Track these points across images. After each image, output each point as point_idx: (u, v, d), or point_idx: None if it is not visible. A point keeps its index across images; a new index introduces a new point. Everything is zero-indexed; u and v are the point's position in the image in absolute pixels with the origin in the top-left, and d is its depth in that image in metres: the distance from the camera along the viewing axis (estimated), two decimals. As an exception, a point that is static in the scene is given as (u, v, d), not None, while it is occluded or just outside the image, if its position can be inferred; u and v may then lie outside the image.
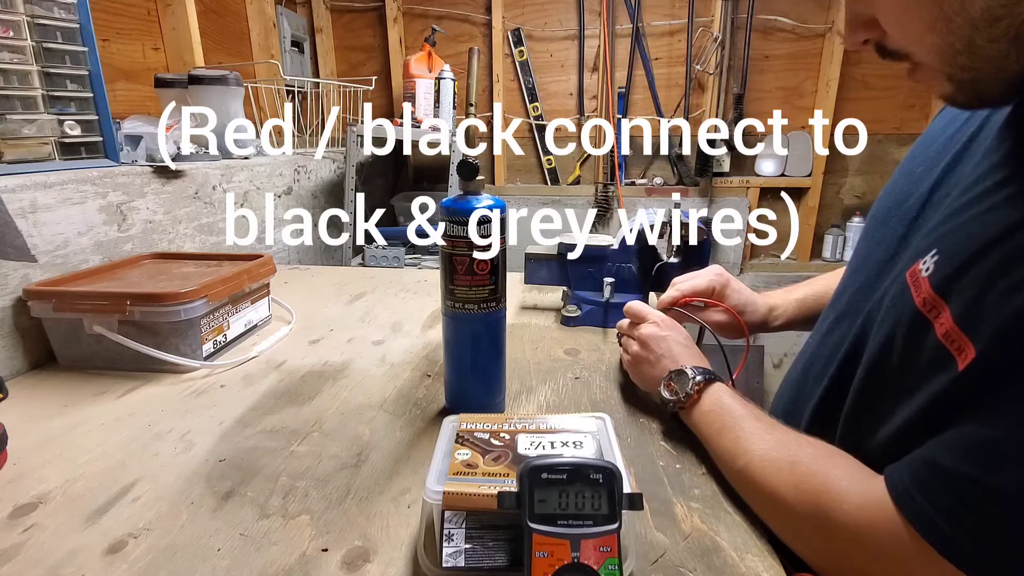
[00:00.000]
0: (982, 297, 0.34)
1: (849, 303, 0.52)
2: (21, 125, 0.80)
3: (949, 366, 0.35)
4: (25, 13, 0.78)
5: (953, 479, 0.33)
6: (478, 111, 2.10)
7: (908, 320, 0.40)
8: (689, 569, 0.41)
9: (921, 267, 0.40)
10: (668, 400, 0.57)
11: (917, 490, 0.35)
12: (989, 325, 0.33)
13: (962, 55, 0.34)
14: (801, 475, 0.42)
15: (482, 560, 0.38)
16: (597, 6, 2.17)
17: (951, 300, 0.36)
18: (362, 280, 1.18)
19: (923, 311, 0.38)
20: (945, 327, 0.36)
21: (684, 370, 0.57)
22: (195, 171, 1.10)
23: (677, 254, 0.87)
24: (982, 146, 0.42)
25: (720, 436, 0.50)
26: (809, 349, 0.59)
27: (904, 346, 0.40)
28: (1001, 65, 0.34)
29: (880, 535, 0.36)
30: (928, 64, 0.37)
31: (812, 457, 0.43)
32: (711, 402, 0.54)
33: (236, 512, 0.47)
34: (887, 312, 0.43)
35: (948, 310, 0.36)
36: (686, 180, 2.31)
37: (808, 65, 2.17)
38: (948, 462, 0.34)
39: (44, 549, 0.43)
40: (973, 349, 0.33)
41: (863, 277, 0.52)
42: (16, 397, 0.67)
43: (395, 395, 0.68)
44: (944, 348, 0.36)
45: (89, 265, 0.85)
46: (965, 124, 0.47)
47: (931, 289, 0.38)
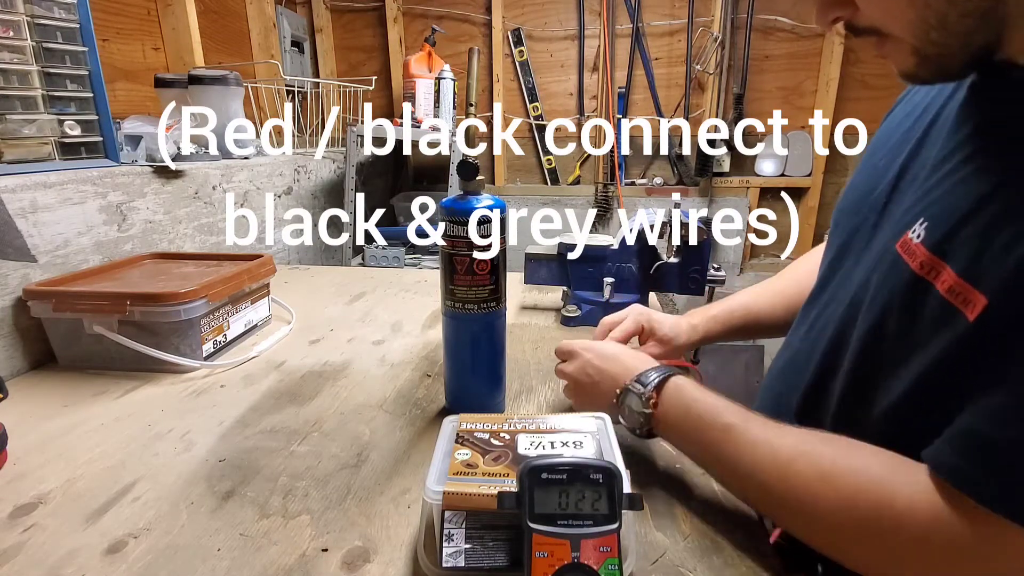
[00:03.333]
0: (982, 251, 0.34)
1: (831, 294, 0.52)
2: (21, 125, 0.80)
3: (956, 320, 0.35)
4: (25, 13, 0.78)
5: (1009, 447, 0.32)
6: (478, 111, 2.10)
7: (904, 287, 0.40)
8: (689, 569, 0.41)
9: (911, 236, 0.41)
10: (631, 430, 0.51)
11: (974, 468, 0.33)
12: (995, 276, 0.33)
13: (935, 30, 0.36)
14: (836, 483, 0.38)
15: (482, 560, 0.38)
16: (597, 6, 2.17)
17: (950, 258, 0.36)
18: (362, 280, 1.18)
19: (921, 274, 0.38)
20: (948, 282, 0.36)
21: (628, 389, 0.51)
22: (195, 171, 1.10)
23: (677, 254, 0.87)
24: (942, 132, 0.44)
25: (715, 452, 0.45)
26: (792, 344, 0.58)
27: (902, 312, 0.40)
28: (968, 40, 0.36)
29: (945, 525, 0.34)
30: (899, 38, 0.38)
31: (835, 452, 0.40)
32: (680, 412, 0.48)
33: (236, 512, 0.47)
34: (878, 288, 0.43)
35: (948, 268, 0.36)
36: (686, 180, 2.31)
37: (808, 65, 2.17)
38: (996, 432, 0.32)
39: (44, 549, 0.43)
40: (983, 298, 0.33)
41: (841, 267, 0.52)
42: (16, 397, 0.67)
43: (395, 395, 0.68)
44: (949, 304, 0.36)
45: (89, 265, 0.85)
46: (921, 117, 0.48)
47: (927, 251, 0.38)
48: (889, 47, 0.40)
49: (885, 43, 0.40)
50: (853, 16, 0.40)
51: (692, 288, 0.88)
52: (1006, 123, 0.38)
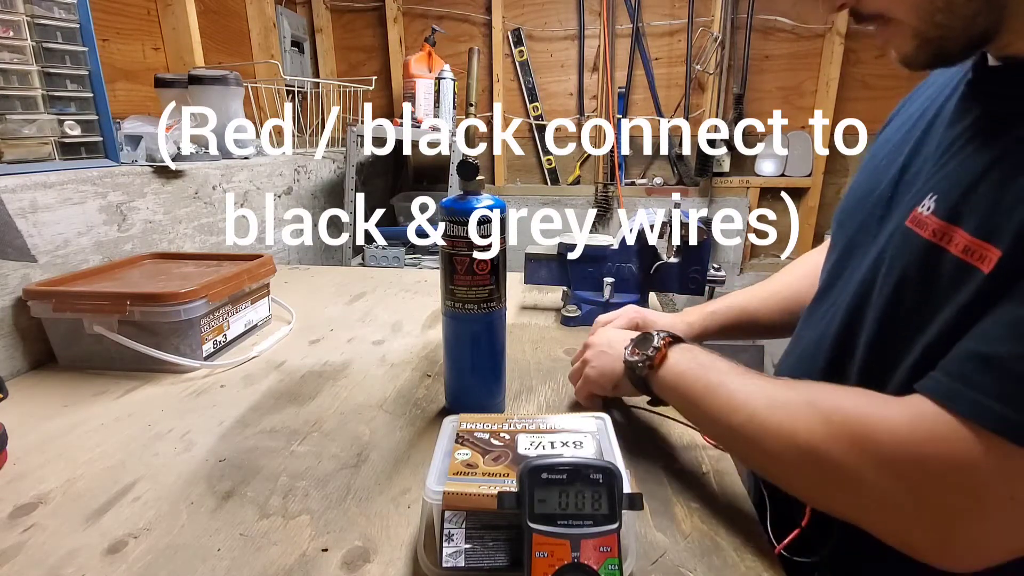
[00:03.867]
0: (994, 208, 0.35)
1: (840, 288, 0.53)
2: (21, 125, 0.80)
3: (973, 276, 0.35)
4: (25, 13, 0.78)
5: (1003, 362, 0.32)
6: (478, 111, 2.10)
7: (918, 257, 0.40)
8: (689, 569, 0.41)
9: (921, 209, 0.41)
10: (634, 362, 0.53)
11: (965, 385, 0.33)
12: (1008, 229, 0.34)
13: (940, 12, 0.37)
14: (825, 410, 0.38)
15: (482, 560, 0.38)
16: (597, 6, 2.17)
17: (962, 221, 0.37)
18: (362, 280, 1.18)
19: (934, 241, 0.39)
20: (962, 243, 0.37)
21: (648, 333, 0.55)
22: (195, 171, 1.10)
23: (677, 254, 0.87)
24: (941, 126, 0.45)
25: (707, 395, 0.46)
26: (803, 337, 0.58)
27: (918, 281, 0.40)
28: (970, 23, 0.37)
29: (939, 446, 0.33)
30: (902, 22, 0.39)
31: (828, 393, 0.40)
32: (687, 360, 0.50)
33: (236, 512, 0.47)
34: (891, 263, 0.43)
35: (961, 230, 0.37)
36: (686, 180, 2.31)
37: (808, 65, 2.17)
38: (991, 349, 0.33)
39: (44, 549, 0.43)
40: (997, 250, 0.34)
41: (848, 264, 0.52)
42: (16, 397, 0.67)
43: (395, 395, 0.68)
44: (964, 263, 0.36)
45: (89, 265, 0.85)
46: (919, 119, 0.50)
47: (939, 220, 0.39)
48: (891, 31, 0.41)
49: (887, 27, 0.41)
50: (859, 2, 0.41)
51: (692, 288, 0.88)
52: (1006, 119, 0.38)
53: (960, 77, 0.45)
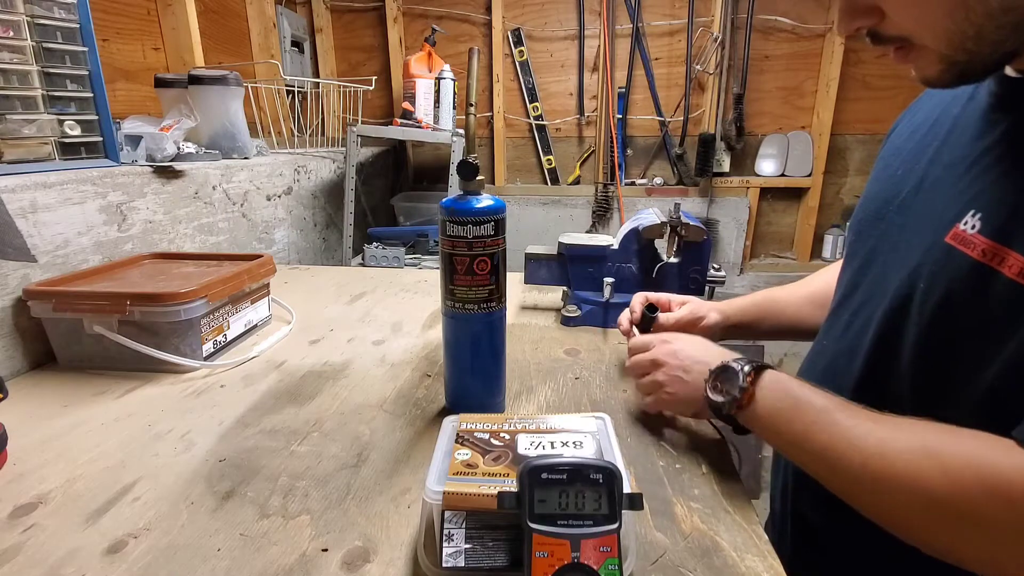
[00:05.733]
0: None
1: (863, 297, 0.52)
2: (21, 125, 0.80)
3: None
4: (25, 13, 0.78)
5: None
6: (478, 111, 2.10)
7: (966, 275, 0.40)
8: (689, 569, 0.41)
9: (963, 227, 0.41)
10: (720, 403, 0.50)
11: None
12: None
13: (970, 40, 0.37)
14: (945, 458, 0.36)
15: (482, 560, 0.38)
16: (597, 6, 2.17)
17: (1014, 242, 0.37)
18: (362, 280, 1.18)
19: (983, 261, 0.39)
20: (1017, 266, 0.37)
21: (727, 364, 0.51)
22: (195, 171, 1.10)
23: (677, 254, 0.87)
24: (963, 137, 0.45)
25: (808, 438, 0.43)
26: (828, 348, 0.57)
27: (969, 302, 0.40)
28: (998, 48, 0.37)
29: None
30: (928, 47, 0.39)
31: (942, 436, 0.38)
32: (779, 398, 0.46)
33: (236, 512, 0.47)
34: (932, 280, 0.43)
35: (1014, 252, 0.37)
36: (686, 180, 2.31)
37: (808, 65, 2.17)
38: None
39: (44, 549, 0.43)
40: None
41: (870, 271, 0.52)
42: (16, 397, 0.67)
43: (395, 395, 0.68)
44: (1021, 287, 0.36)
45: (89, 265, 0.85)
46: (934, 126, 0.50)
47: (987, 240, 0.39)
48: (915, 54, 0.40)
49: (910, 51, 0.40)
50: (879, 25, 0.40)
51: (692, 288, 0.88)
52: None
53: (973, 87, 0.45)
